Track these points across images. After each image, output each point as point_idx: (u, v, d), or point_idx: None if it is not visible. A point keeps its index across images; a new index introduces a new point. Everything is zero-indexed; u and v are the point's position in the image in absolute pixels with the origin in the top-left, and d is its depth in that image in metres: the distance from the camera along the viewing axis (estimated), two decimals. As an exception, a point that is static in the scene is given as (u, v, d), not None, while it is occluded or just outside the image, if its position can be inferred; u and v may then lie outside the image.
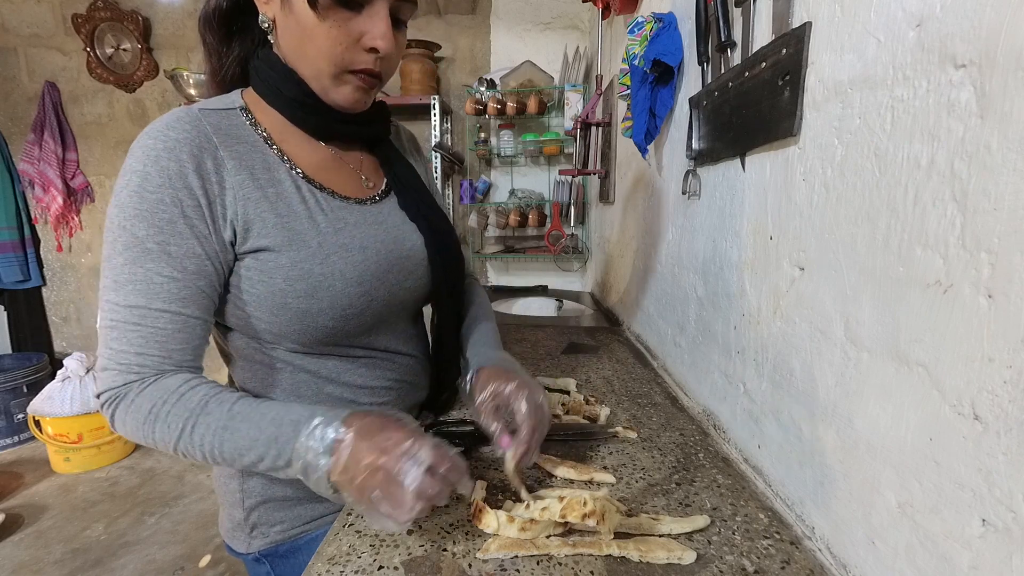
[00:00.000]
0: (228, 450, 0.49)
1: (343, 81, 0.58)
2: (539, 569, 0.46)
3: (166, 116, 0.54)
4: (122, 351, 0.51)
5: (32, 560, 1.73)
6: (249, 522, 0.64)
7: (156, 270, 0.51)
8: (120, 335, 0.51)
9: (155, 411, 0.50)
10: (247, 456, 0.49)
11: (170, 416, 0.50)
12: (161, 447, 0.51)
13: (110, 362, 0.51)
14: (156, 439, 0.51)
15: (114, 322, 0.51)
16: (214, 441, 0.49)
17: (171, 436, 0.50)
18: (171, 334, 0.52)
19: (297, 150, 0.61)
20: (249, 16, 0.60)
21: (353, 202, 0.64)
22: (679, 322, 0.95)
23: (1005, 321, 0.31)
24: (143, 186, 0.51)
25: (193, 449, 0.50)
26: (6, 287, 2.76)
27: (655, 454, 0.67)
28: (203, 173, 0.53)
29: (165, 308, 0.51)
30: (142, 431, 0.51)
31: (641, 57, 0.94)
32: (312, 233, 0.57)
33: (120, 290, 0.51)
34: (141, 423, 0.50)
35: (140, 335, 0.51)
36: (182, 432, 0.50)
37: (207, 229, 0.53)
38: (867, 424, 0.44)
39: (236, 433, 0.50)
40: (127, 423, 0.51)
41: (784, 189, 0.58)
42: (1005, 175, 0.31)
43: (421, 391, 0.75)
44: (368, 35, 0.55)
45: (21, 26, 2.61)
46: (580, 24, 2.39)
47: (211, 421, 0.50)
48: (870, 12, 0.44)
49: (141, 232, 0.51)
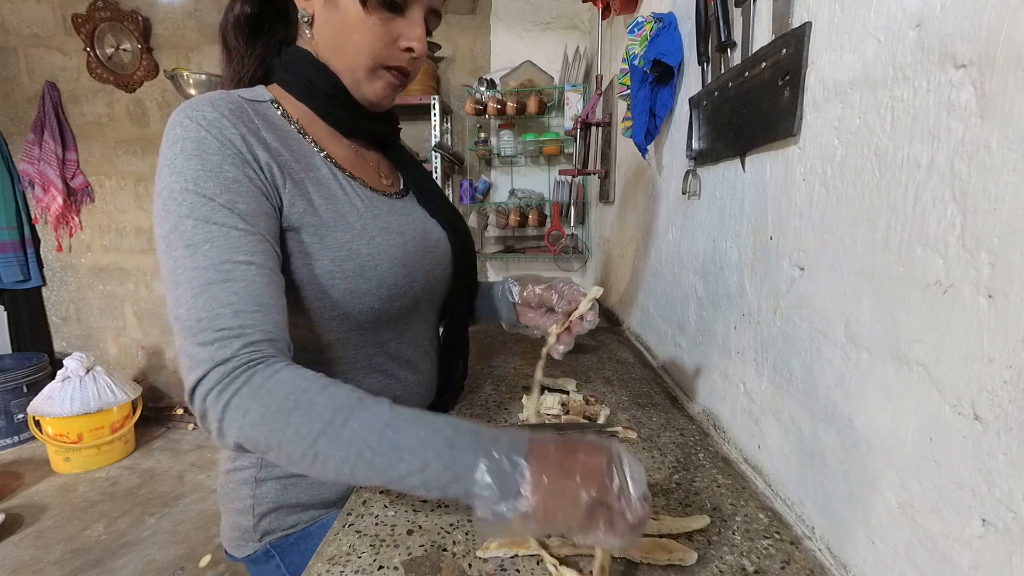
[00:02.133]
0: (387, 451, 0.42)
1: (377, 76, 0.61)
2: (539, 569, 0.46)
3: (204, 95, 0.54)
4: (217, 315, 0.45)
5: (32, 560, 1.73)
6: (259, 529, 0.64)
7: (232, 224, 0.48)
8: (210, 298, 0.45)
9: (296, 396, 0.43)
10: (410, 472, 0.41)
11: (315, 404, 0.43)
12: (288, 446, 0.42)
13: (205, 334, 0.44)
14: (289, 433, 0.42)
15: (199, 287, 0.45)
16: (370, 439, 0.42)
17: (314, 427, 0.42)
18: (262, 288, 0.48)
19: (326, 143, 0.63)
20: (273, 18, 0.64)
21: (381, 194, 0.66)
22: (679, 322, 0.95)
23: (1005, 321, 0.31)
24: (202, 148, 0.49)
25: (337, 448, 0.42)
26: (6, 287, 2.75)
27: (655, 454, 0.67)
28: (253, 142, 0.53)
29: (250, 260, 0.48)
30: (273, 421, 0.42)
31: (641, 57, 0.94)
32: (355, 216, 0.59)
33: (198, 251, 0.46)
34: (276, 409, 0.43)
35: (232, 291, 0.46)
36: (330, 423, 0.42)
37: (266, 190, 0.53)
38: (867, 424, 0.44)
39: (400, 432, 0.42)
40: (251, 409, 0.43)
41: (784, 189, 0.58)
42: (1005, 175, 0.31)
43: (432, 392, 0.76)
44: (405, 36, 0.60)
45: (21, 26, 2.61)
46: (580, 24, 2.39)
47: (370, 416, 0.43)
48: (870, 12, 0.44)
49: (209, 190, 0.48)
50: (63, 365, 2.31)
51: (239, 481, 0.64)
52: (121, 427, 2.39)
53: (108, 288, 2.87)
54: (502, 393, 0.89)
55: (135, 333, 2.92)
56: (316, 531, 0.65)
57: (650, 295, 1.16)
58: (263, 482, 0.63)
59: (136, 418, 2.47)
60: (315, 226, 0.56)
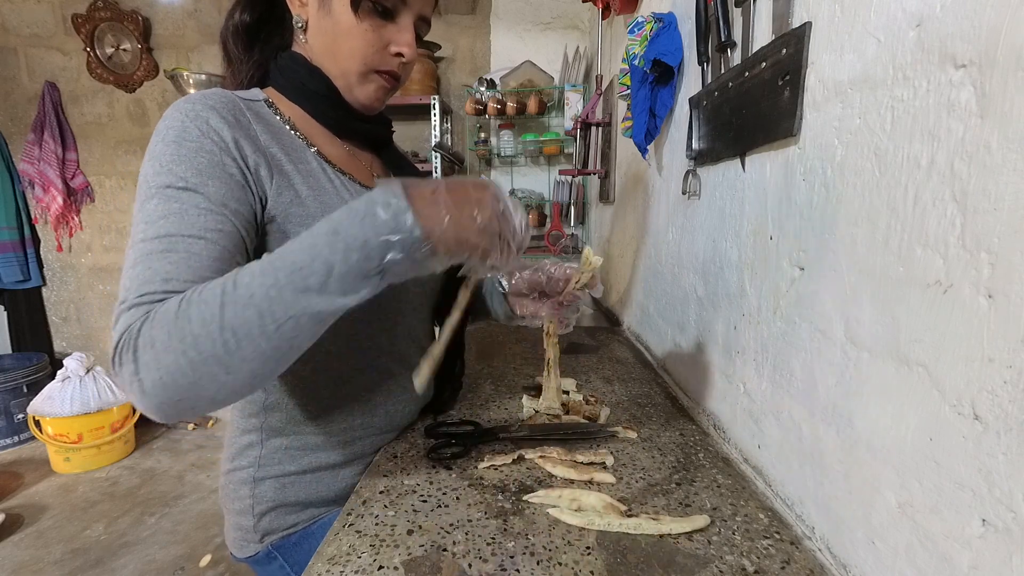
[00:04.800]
0: (284, 279, 0.41)
1: (369, 80, 0.63)
2: (539, 569, 0.46)
3: (198, 92, 0.55)
4: (145, 282, 0.44)
5: (32, 560, 1.73)
6: (259, 529, 0.64)
7: (193, 202, 0.48)
8: (145, 268, 0.45)
9: (183, 302, 0.42)
10: (312, 271, 0.41)
11: (202, 293, 0.42)
12: (202, 342, 0.40)
13: (127, 301, 0.44)
14: (195, 327, 0.41)
15: (140, 257, 0.45)
16: (265, 280, 0.41)
17: (212, 308, 0.41)
18: (206, 260, 0.46)
19: (319, 141, 0.64)
20: (271, 25, 0.66)
21: (371, 190, 0.66)
22: (679, 322, 0.95)
23: (1005, 321, 0.31)
24: (181, 136, 0.50)
25: (244, 307, 0.40)
26: (6, 287, 2.76)
27: (655, 454, 0.67)
28: (239, 135, 0.53)
29: (200, 235, 0.47)
30: (176, 329, 0.41)
31: (641, 57, 0.94)
32: (342, 206, 0.59)
33: (151, 226, 0.46)
34: (172, 322, 0.41)
35: (168, 261, 0.45)
36: (223, 293, 0.41)
37: (245, 179, 0.53)
38: (867, 424, 0.44)
39: (287, 257, 0.42)
40: (154, 336, 0.41)
41: (784, 189, 0.58)
42: (1005, 175, 0.31)
43: (430, 391, 0.77)
44: (396, 42, 0.61)
45: (21, 26, 2.61)
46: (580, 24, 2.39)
47: (252, 268, 0.42)
48: (870, 12, 0.44)
49: (180, 172, 0.48)
50: (63, 365, 2.32)
51: (238, 481, 0.65)
52: (121, 427, 2.39)
53: (108, 288, 2.87)
54: (502, 392, 0.89)
55: (135, 333, 2.92)
56: (318, 531, 0.65)
57: (650, 295, 1.16)
58: (261, 481, 0.63)
59: (136, 418, 2.47)
60: (301, 215, 0.56)
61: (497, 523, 0.52)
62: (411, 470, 0.63)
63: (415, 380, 0.52)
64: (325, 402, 0.64)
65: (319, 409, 0.64)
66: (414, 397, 0.72)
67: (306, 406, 0.63)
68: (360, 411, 0.66)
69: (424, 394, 0.75)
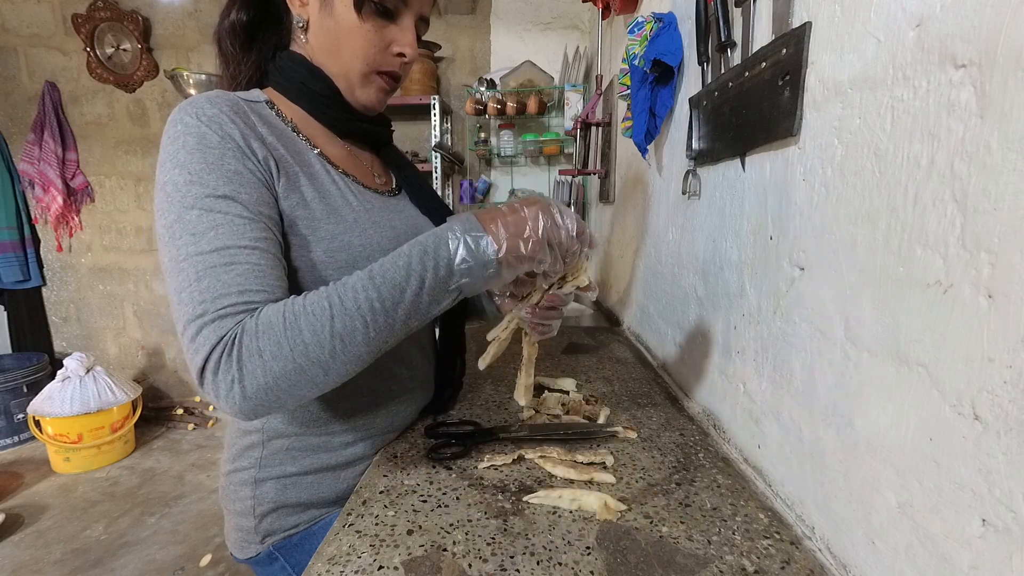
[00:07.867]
0: (387, 293, 0.47)
1: (370, 81, 0.64)
2: (539, 569, 0.46)
3: (202, 94, 0.55)
4: (221, 295, 0.46)
5: (32, 560, 1.73)
6: (260, 530, 0.64)
7: (236, 212, 0.49)
8: (214, 280, 0.46)
9: (288, 313, 0.46)
10: (408, 285, 0.47)
11: (308, 306, 0.46)
12: (313, 351, 0.45)
13: (207, 315, 0.45)
14: (306, 337, 0.45)
15: (203, 271, 0.47)
16: (370, 294, 0.46)
17: (323, 320, 0.45)
18: (267, 269, 0.49)
19: (320, 141, 0.65)
20: (268, 24, 0.65)
21: (373, 191, 0.68)
22: (679, 322, 0.95)
23: (1005, 321, 0.31)
24: (203, 143, 0.50)
25: (352, 319, 0.46)
26: (6, 287, 2.76)
27: (655, 454, 0.67)
28: (250, 138, 0.54)
29: (254, 245, 0.49)
30: (286, 339, 0.45)
31: (641, 57, 0.94)
32: (347, 210, 0.60)
33: (202, 238, 0.47)
34: (282, 330, 0.45)
35: (237, 273, 0.47)
36: (331, 307, 0.46)
37: (265, 183, 0.54)
38: (867, 424, 0.44)
39: (386, 273, 0.48)
40: (262, 347, 0.44)
41: (784, 189, 0.58)
42: (1005, 175, 0.31)
43: (430, 391, 0.77)
44: (397, 42, 0.62)
45: (21, 26, 2.61)
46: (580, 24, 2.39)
47: (354, 283, 0.47)
48: (870, 12, 0.44)
49: (212, 182, 0.49)
50: (63, 365, 2.32)
51: (239, 482, 0.65)
52: (121, 427, 2.39)
53: (108, 288, 2.88)
54: (502, 393, 0.89)
55: (135, 333, 2.92)
56: (319, 531, 0.65)
57: (650, 295, 1.16)
58: (263, 482, 0.63)
59: (136, 418, 2.47)
60: (308, 219, 0.57)
61: (497, 523, 0.52)
62: (411, 470, 0.63)
63: (480, 364, 0.65)
64: (327, 403, 0.64)
65: (320, 410, 0.64)
66: (415, 398, 0.73)
67: (307, 407, 0.63)
68: (362, 412, 0.66)
69: (424, 395, 0.75)
